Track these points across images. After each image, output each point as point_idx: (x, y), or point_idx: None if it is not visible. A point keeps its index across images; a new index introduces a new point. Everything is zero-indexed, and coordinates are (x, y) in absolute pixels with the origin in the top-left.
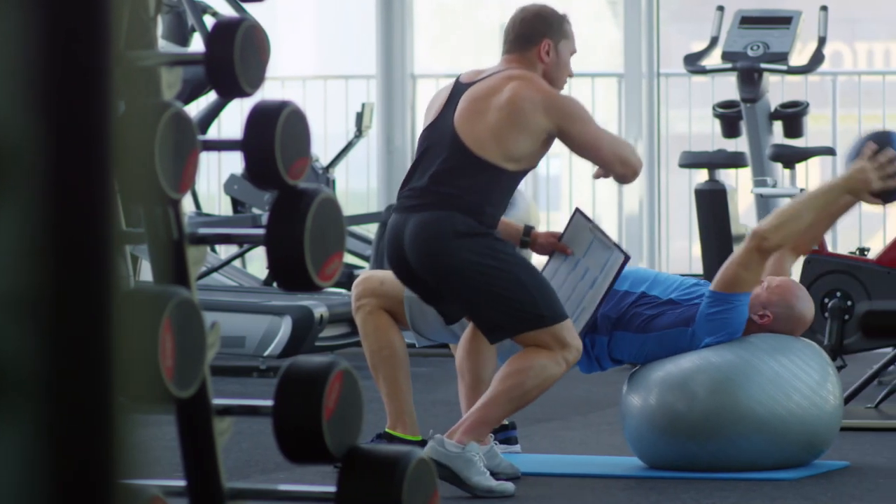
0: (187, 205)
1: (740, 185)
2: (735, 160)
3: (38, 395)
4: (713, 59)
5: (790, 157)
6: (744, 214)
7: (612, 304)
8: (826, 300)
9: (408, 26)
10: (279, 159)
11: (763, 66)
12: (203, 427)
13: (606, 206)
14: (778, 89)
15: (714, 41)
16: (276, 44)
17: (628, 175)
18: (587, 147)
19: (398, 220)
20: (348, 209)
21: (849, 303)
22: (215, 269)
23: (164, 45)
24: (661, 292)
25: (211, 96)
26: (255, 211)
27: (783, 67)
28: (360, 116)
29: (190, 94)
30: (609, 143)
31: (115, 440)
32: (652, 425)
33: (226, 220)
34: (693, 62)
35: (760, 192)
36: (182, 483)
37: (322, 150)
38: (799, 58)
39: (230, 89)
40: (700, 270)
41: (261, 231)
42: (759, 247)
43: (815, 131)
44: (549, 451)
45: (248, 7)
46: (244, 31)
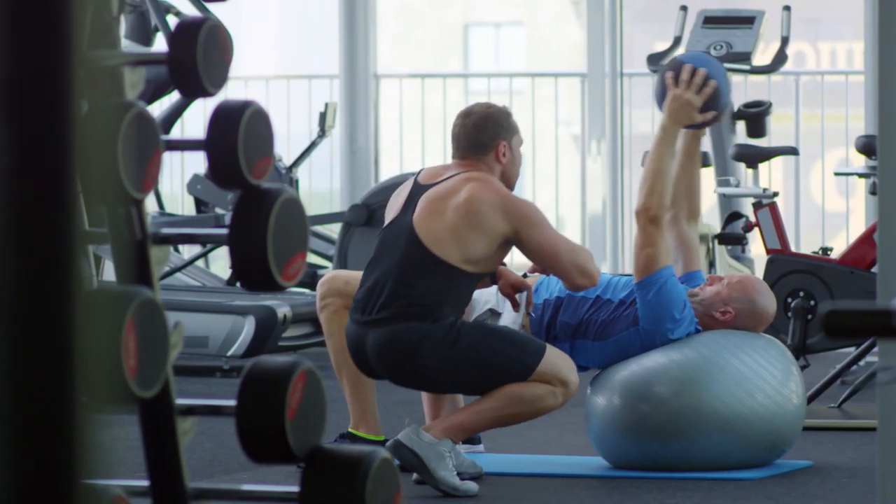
0: (150, 204)
1: (703, 185)
2: None
3: (0, 394)
4: None
5: (753, 157)
6: (707, 214)
7: (570, 312)
8: (789, 300)
9: (371, 26)
10: (242, 159)
11: (726, 65)
12: (166, 427)
13: (569, 207)
14: (741, 89)
15: (677, 41)
16: (239, 44)
17: (585, 285)
18: (545, 253)
19: (357, 332)
20: (311, 209)
21: (812, 302)
22: (178, 269)
23: (127, 44)
24: (612, 295)
25: (174, 96)
26: (219, 211)
27: (746, 67)
28: (323, 116)
29: (153, 94)
30: (567, 251)
31: (77, 440)
32: (616, 425)
33: (189, 220)
34: (656, 62)
35: (723, 192)
36: (145, 483)
37: (285, 149)
38: (762, 58)
39: (193, 89)
40: None
41: (224, 231)
42: (649, 219)
43: (778, 131)
44: (513, 450)
45: (211, 7)
46: (207, 31)
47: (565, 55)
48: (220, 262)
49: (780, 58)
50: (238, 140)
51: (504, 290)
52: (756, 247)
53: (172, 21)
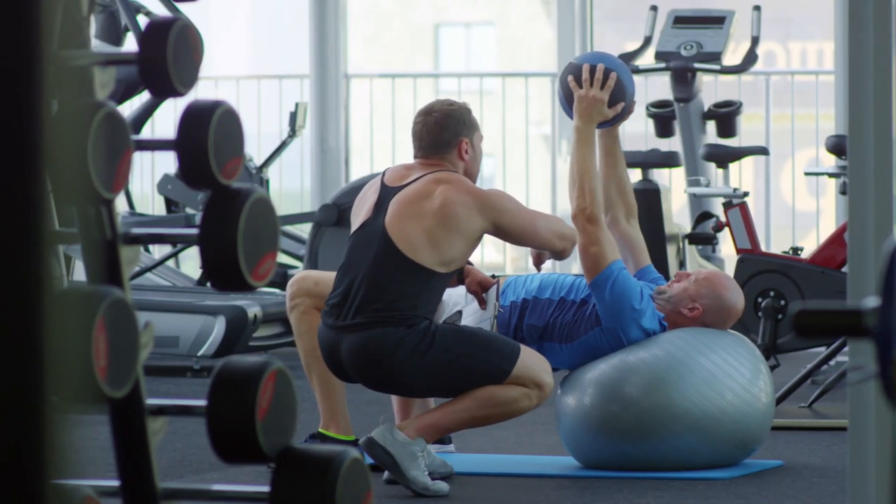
0: (120, 204)
1: (674, 185)
2: (668, 160)
3: None
4: (647, 59)
5: (723, 157)
6: (677, 214)
7: (537, 314)
8: (760, 300)
9: (341, 26)
10: (212, 159)
11: (696, 65)
12: (136, 427)
13: (540, 207)
14: (711, 89)
15: (647, 41)
16: (210, 43)
17: (567, 248)
18: (524, 233)
19: (331, 337)
20: (282, 209)
21: (782, 302)
22: (149, 269)
23: (97, 44)
24: (576, 295)
25: (144, 96)
26: (189, 211)
27: (716, 67)
28: (293, 116)
29: (123, 94)
30: (544, 224)
31: (47, 440)
32: (586, 425)
33: (159, 220)
34: (626, 62)
35: (694, 192)
36: (115, 483)
37: (256, 149)
38: (732, 57)
39: (163, 89)
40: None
41: (194, 231)
42: (587, 218)
43: (748, 131)
44: (484, 450)
45: (181, 7)
46: (177, 30)
47: (536, 55)
48: (191, 262)
49: (751, 58)
50: (208, 140)
51: (471, 287)
52: (726, 246)
53: (143, 21)
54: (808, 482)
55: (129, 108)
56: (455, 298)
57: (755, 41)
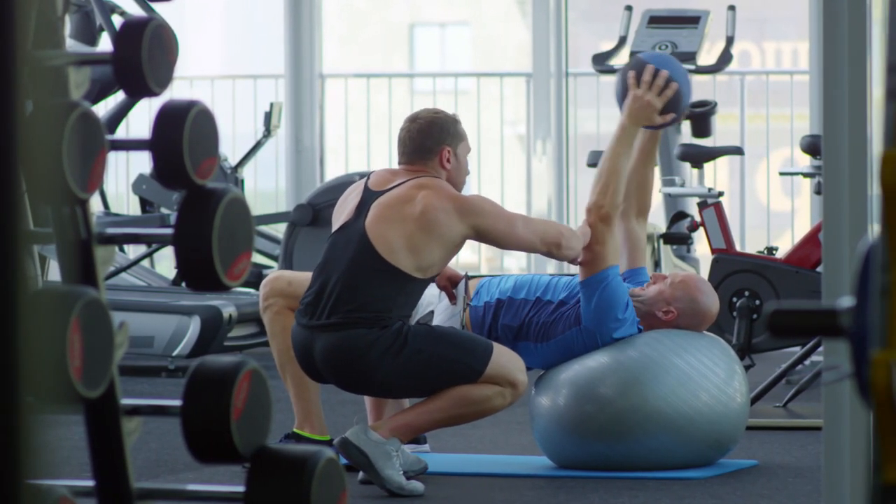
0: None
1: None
2: None
3: None
4: (621, 59)
5: (698, 157)
6: (652, 214)
7: (512, 314)
8: (734, 299)
9: (316, 26)
10: (187, 159)
11: None
12: (111, 427)
13: (515, 207)
14: None
15: (622, 41)
16: (185, 43)
17: (554, 251)
18: (504, 236)
19: (304, 336)
20: (257, 209)
21: (757, 302)
22: (124, 269)
23: (72, 44)
24: (553, 296)
25: (119, 96)
26: (164, 211)
27: (691, 67)
28: (268, 116)
29: (98, 94)
30: (524, 227)
31: (22, 440)
32: (560, 426)
33: (134, 220)
34: (601, 62)
35: (668, 192)
36: (90, 483)
37: (230, 149)
38: (707, 57)
39: (138, 89)
40: None
41: (169, 231)
42: (600, 216)
43: (723, 131)
44: (458, 450)
45: (156, 7)
46: (152, 30)
47: (511, 55)
48: (166, 262)
49: (726, 57)
50: (183, 140)
51: (440, 283)
52: (701, 246)
53: (118, 21)
54: (783, 482)
55: (103, 108)
56: (428, 299)
57: (730, 41)
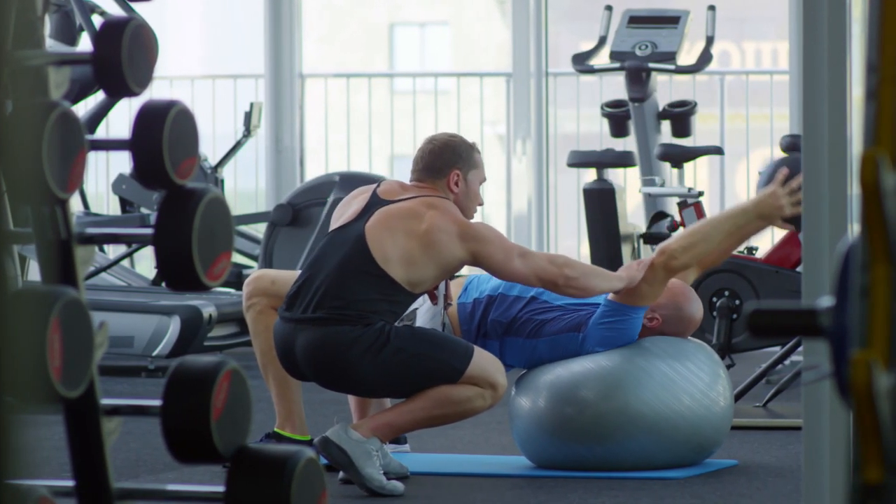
0: (75, 204)
1: (628, 185)
2: (623, 159)
3: None
4: (601, 59)
5: (678, 157)
6: (632, 214)
7: (503, 310)
8: (714, 299)
9: (296, 26)
10: (167, 159)
11: (651, 65)
12: (91, 427)
13: (495, 206)
14: (666, 89)
15: (602, 41)
16: (164, 43)
17: (550, 289)
18: (500, 266)
19: (286, 331)
20: (237, 209)
21: (737, 302)
22: (104, 269)
23: (51, 44)
24: (550, 297)
25: (99, 96)
26: (144, 210)
27: (671, 67)
28: (248, 116)
29: (78, 94)
30: (522, 261)
31: (2, 440)
32: (541, 428)
33: (114, 220)
34: (581, 62)
35: (649, 192)
36: (70, 483)
37: (210, 149)
38: (687, 57)
39: (118, 89)
40: None
41: (149, 231)
42: (667, 265)
43: (703, 130)
44: (439, 450)
45: (135, 7)
46: (132, 30)
47: (491, 55)
48: (146, 262)
49: (705, 57)
50: (163, 140)
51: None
52: None
53: (97, 20)
54: (763, 481)
55: (83, 108)
56: None
57: (710, 41)
